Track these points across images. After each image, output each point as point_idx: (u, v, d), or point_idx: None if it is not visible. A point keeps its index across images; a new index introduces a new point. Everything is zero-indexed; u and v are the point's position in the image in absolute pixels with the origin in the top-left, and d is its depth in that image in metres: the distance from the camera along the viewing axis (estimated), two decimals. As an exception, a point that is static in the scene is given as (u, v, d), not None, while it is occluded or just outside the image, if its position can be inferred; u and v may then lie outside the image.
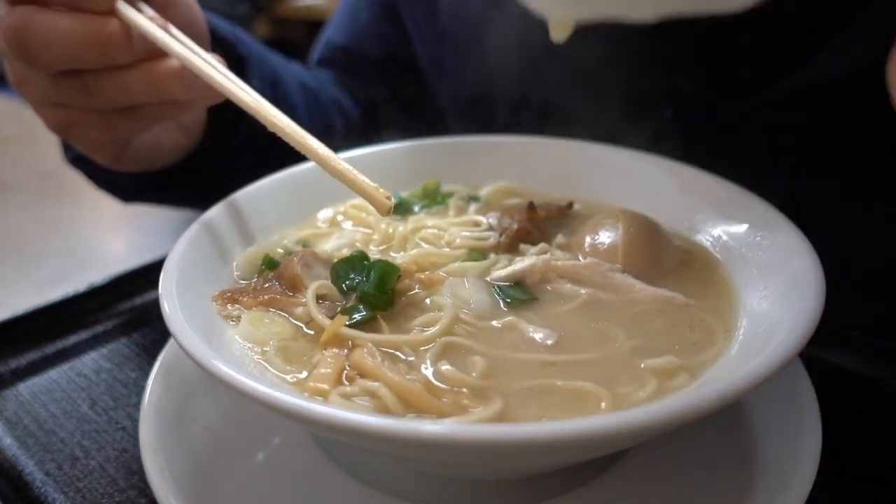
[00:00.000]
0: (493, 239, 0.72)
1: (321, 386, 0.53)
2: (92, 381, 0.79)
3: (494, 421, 0.49)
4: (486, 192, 0.86)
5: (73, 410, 0.75)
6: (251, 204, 0.76)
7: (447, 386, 0.53)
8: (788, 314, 0.52)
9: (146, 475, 0.57)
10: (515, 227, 0.73)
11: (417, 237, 0.75)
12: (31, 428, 0.72)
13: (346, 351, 0.57)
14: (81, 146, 0.81)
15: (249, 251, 0.71)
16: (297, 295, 0.64)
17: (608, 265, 0.66)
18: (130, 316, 0.91)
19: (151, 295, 0.94)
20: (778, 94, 0.82)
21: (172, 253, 0.62)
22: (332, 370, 0.54)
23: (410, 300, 0.64)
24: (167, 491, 0.55)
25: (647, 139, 0.83)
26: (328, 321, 0.59)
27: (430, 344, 0.57)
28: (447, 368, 0.54)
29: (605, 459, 0.57)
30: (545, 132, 0.90)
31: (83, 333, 0.88)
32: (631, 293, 0.63)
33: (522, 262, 0.66)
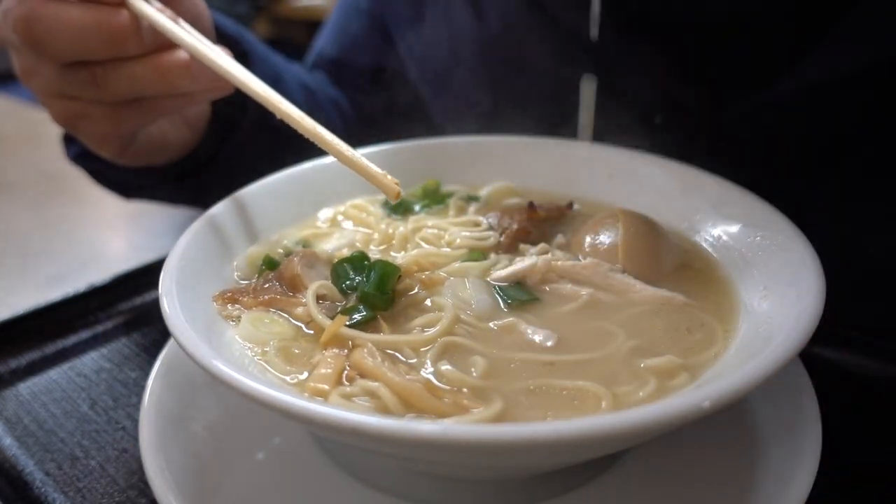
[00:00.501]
0: (493, 239, 0.72)
1: (321, 386, 0.53)
2: (92, 381, 0.79)
3: (494, 421, 0.49)
4: (486, 192, 0.86)
5: (73, 410, 0.75)
6: (251, 204, 0.76)
7: (447, 386, 0.53)
8: (788, 314, 0.52)
9: (146, 475, 0.57)
10: (515, 227, 0.73)
11: (418, 237, 0.75)
12: (31, 428, 0.72)
13: (346, 351, 0.57)
14: (87, 139, 0.81)
15: (250, 251, 0.71)
16: (297, 295, 0.64)
17: (608, 265, 0.66)
18: (130, 316, 0.91)
19: (151, 295, 0.94)
20: (769, 97, 0.82)
21: (173, 253, 0.62)
22: (332, 370, 0.54)
23: (411, 300, 0.64)
24: (167, 491, 0.55)
25: (638, 145, 0.83)
26: (328, 321, 0.59)
27: (430, 344, 0.57)
28: (447, 368, 0.54)
29: (605, 459, 0.57)
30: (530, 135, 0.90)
31: (83, 333, 0.88)
32: (631, 293, 0.63)
33: (523, 262, 0.66)
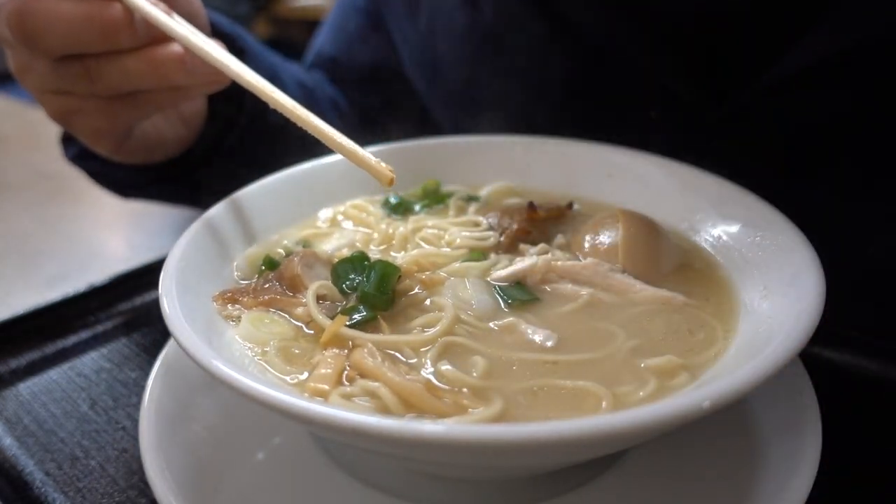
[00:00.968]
0: (493, 239, 0.72)
1: (321, 386, 0.53)
2: (92, 381, 0.79)
3: (495, 421, 0.49)
4: (486, 192, 0.86)
5: (73, 410, 0.75)
6: (251, 204, 0.76)
7: (447, 386, 0.53)
8: (788, 314, 0.52)
9: (146, 475, 0.57)
10: (515, 227, 0.73)
11: (418, 237, 0.75)
12: (31, 428, 0.72)
13: (346, 351, 0.57)
14: (83, 135, 0.81)
15: (250, 251, 0.71)
16: (297, 295, 0.64)
17: (608, 265, 0.66)
18: (130, 316, 0.91)
19: (151, 295, 0.94)
20: (763, 85, 0.82)
21: (172, 253, 0.62)
22: (332, 370, 0.54)
23: (411, 300, 0.64)
24: (167, 491, 0.55)
25: (635, 139, 0.83)
26: (328, 321, 0.59)
27: (430, 344, 0.57)
28: (447, 369, 0.54)
29: (605, 459, 0.57)
30: (529, 132, 0.90)
31: (83, 333, 0.88)
32: (631, 293, 0.63)
33: (523, 262, 0.66)
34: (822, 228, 0.63)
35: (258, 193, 0.77)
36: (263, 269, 0.69)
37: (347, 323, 0.59)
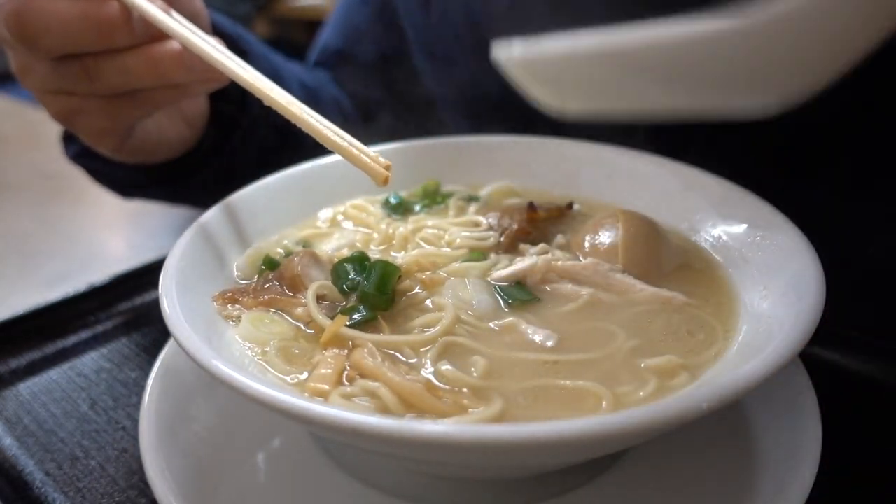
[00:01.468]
0: (493, 239, 0.72)
1: (321, 386, 0.53)
2: (92, 381, 0.79)
3: (494, 421, 0.49)
4: (486, 192, 0.86)
5: (73, 410, 0.75)
6: (251, 204, 0.76)
7: (447, 386, 0.53)
8: (788, 314, 0.52)
9: (146, 475, 0.57)
10: (515, 227, 0.73)
11: (418, 237, 0.75)
12: (31, 428, 0.72)
13: (346, 351, 0.57)
14: (84, 135, 0.81)
15: (250, 251, 0.71)
16: (297, 295, 0.64)
17: (608, 265, 0.66)
18: (130, 316, 0.91)
19: (151, 295, 0.94)
20: None
21: (172, 253, 0.62)
22: (332, 370, 0.54)
23: (411, 300, 0.64)
24: (167, 491, 0.55)
25: (640, 134, 0.82)
26: (328, 321, 0.59)
27: (430, 344, 0.57)
28: (447, 368, 0.54)
29: (605, 459, 0.58)
30: (535, 125, 0.89)
31: (83, 333, 0.88)
32: (631, 293, 0.63)
33: (523, 262, 0.66)
34: (822, 228, 0.63)
35: (258, 193, 0.77)
36: (263, 269, 0.69)
37: (347, 323, 0.59)
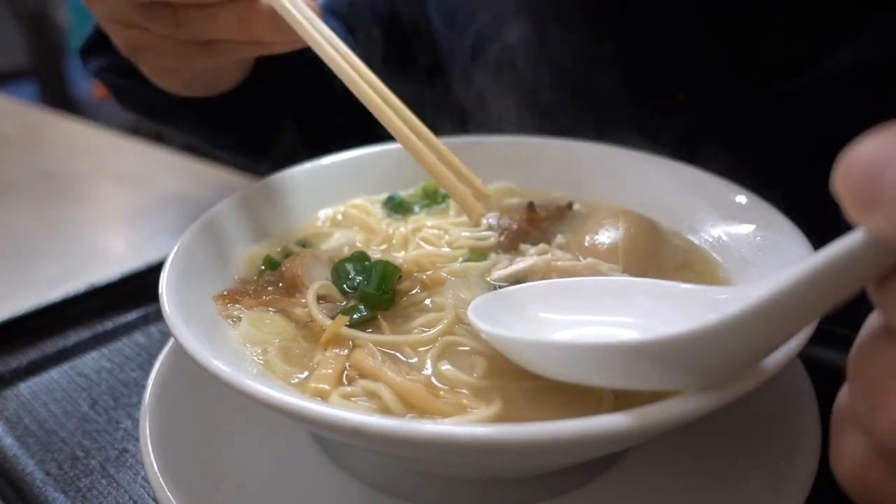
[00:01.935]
0: (493, 239, 0.72)
1: (322, 386, 0.53)
2: (92, 380, 0.79)
3: (494, 421, 0.49)
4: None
5: (73, 410, 0.75)
6: (252, 204, 0.76)
7: (447, 386, 0.53)
8: (788, 314, 0.52)
9: (146, 475, 0.57)
10: (515, 227, 0.73)
11: (418, 237, 0.75)
12: (31, 428, 0.72)
13: (346, 351, 0.57)
14: (150, 71, 0.79)
15: (250, 251, 0.71)
16: (297, 295, 0.64)
17: (608, 265, 0.66)
18: (131, 316, 0.91)
19: (151, 295, 0.94)
20: (794, 86, 0.81)
21: (172, 253, 0.62)
22: (332, 370, 0.54)
23: (411, 300, 0.64)
24: (167, 491, 0.55)
25: (658, 121, 0.81)
26: (329, 321, 0.59)
27: (430, 344, 0.57)
28: (448, 368, 0.54)
29: (605, 459, 0.57)
30: (555, 104, 0.88)
31: (83, 333, 0.88)
32: (631, 293, 0.63)
33: (523, 262, 0.66)
34: (822, 228, 0.62)
35: (259, 193, 0.77)
36: (263, 269, 0.69)
37: (347, 323, 0.59)
